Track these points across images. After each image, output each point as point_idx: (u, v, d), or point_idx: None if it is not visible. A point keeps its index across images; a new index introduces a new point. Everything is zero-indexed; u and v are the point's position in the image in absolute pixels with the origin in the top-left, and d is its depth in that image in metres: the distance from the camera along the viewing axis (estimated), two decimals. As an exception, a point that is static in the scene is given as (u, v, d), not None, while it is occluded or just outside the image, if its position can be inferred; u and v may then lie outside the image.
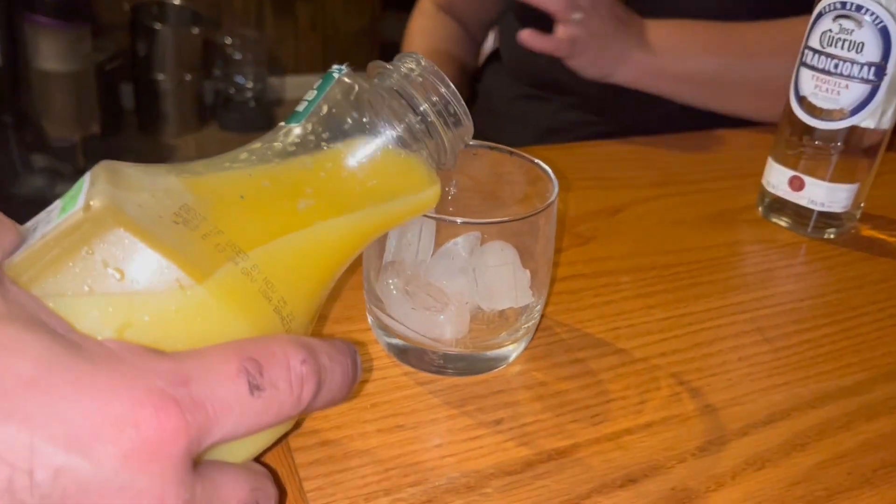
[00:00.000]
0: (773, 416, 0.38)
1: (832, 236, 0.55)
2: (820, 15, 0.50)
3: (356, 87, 0.31)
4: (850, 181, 0.53)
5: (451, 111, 0.32)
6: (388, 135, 0.31)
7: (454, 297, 0.37)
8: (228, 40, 2.74)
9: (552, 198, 0.37)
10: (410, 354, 0.39)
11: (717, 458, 0.36)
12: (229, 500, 0.23)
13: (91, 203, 0.24)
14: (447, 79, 0.32)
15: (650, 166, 0.64)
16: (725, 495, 0.34)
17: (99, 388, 0.20)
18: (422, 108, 0.31)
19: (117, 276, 0.23)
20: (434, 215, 0.37)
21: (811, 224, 0.55)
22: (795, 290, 0.49)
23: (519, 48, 0.90)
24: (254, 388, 0.23)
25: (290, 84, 3.03)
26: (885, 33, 0.48)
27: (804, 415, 0.39)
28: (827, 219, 0.54)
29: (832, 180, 0.53)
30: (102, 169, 0.26)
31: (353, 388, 0.27)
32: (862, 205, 0.56)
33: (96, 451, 0.20)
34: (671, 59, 0.71)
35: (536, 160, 0.40)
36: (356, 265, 0.45)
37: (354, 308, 0.43)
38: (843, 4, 0.49)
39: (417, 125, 0.31)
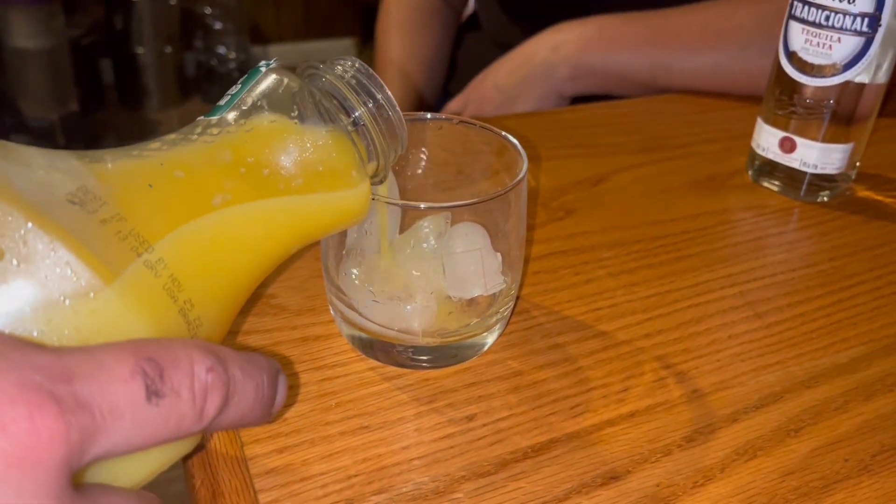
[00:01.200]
0: (765, 400, 0.36)
1: (826, 199, 0.52)
2: (809, -37, 0.47)
3: (285, 81, 0.28)
4: (845, 141, 0.50)
5: (385, 117, 0.30)
6: (315, 130, 0.28)
7: (420, 286, 0.34)
8: (208, 10, 2.67)
9: (520, 175, 0.34)
10: (376, 348, 0.37)
11: (705, 450, 0.33)
12: None
13: None
14: (383, 84, 0.30)
15: (634, 131, 0.61)
16: (714, 490, 0.31)
17: None
18: (356, 113, 0.29)
19: None
20: (395, 200, 0.35)
21: (804, 187, 0.52)
22: (788, 259, 0.46)
23: (496, 15, 0.87)
24: (152, 393, 0.19)
25: (274, 53, 2.97)
26: (879, -19, 0.44)
27: (798, 396, 0.36)
28: (820, 181, 0.51)
29: (825, 140, 0.50)
30: None
31: (270, 410, 0.24)
32: (857, 165, 0.53)
33: None
34: (602, 55, 0.68)
35: (504, 133, 0.37)
36: (317, 251, 0.42)
37: (317, 298, 0.40)
38: (834, -49, 0.45)
39: (349, 126, 0.29)
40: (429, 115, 0.39)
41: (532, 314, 0.41)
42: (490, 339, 0.38)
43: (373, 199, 0.32)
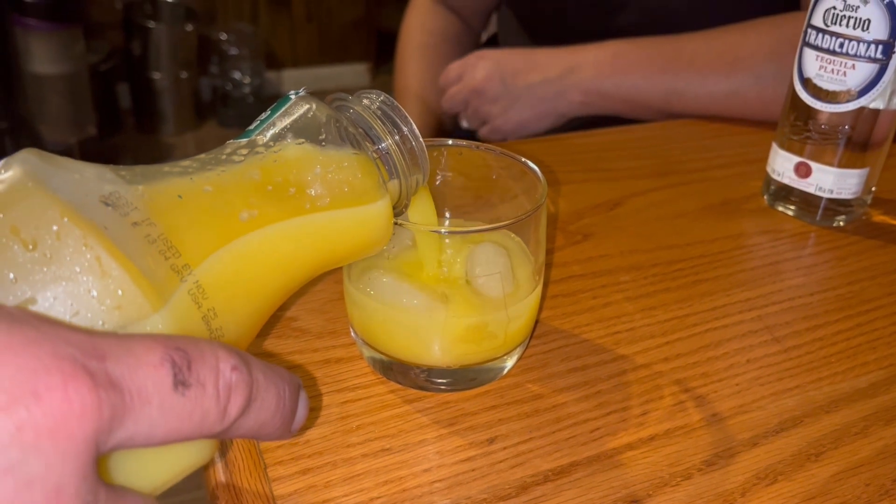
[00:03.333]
0: (785, 424, 0.36)
1: (842, 224, 0.52)
2: (823, -9, 0.48)
3: (314, 108, 0.29)
4: (860, 166, 0.50)
5: (409, 147, 0.31)
6: (341, 155, 0.29)
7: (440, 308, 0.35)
8: (223, 36, 2.71)
9: (541, 200, 0.35)
10: (396, 370, 0.37)
11: (725, 473, 0.33)
12: None
13: (8, 165, 0.22)
14: (408, 116, 0.32)
15: (649, 155, 0.62)
16: (735, 515, 0.32)
17: None
18: (382, 144, 0.31)
19: (29, 246, 0.21)
20: (414, 224, 0.35)
21: (819, 212, 0.52)
22: (805, 283, 0.47)
23: (516, 36, 0.88)
24: (179, 382, 0.19)
25: (288, 78, 3.00)
26: (892, 9, 0.45)
27: (818, 421, 0.36)
28: (836, 206, 0.52)
29: (840, 166, 0.50)
30: (28, 150, 0.24)
31: (290, 423, 0.24)
32: (873, 189, 0.53)
33: None
34: (616, 80, 0.69)
35: (523, 159, 0.38)
36: (338, 274, 0.43)
37: (338, 321, 0.41)
38: (848, -21, 0.46)
39: (373, 153, 0.30)
40: (450, 142, 0.39)
41: (551, 337, 0.41)
42: (509, 362, 0.38)
43: (395, 224, 0.32)
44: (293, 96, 0.30)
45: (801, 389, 0.38)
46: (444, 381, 0.37)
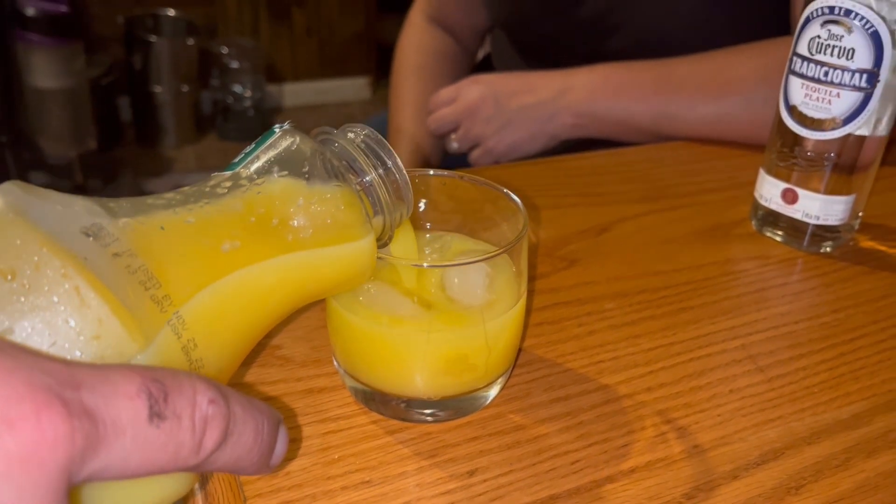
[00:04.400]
0: (766, 456, 0.36)
1: (829, 250, 0.52)
2: (808, 20, 0.48)
3: (297, 141, 0.29)
4: (846, 193, 0.50)
5: (393, 180, 0.31)
6: (325, 188, 0.29)
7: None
8: (224, 49, 2.73)
9: (520, 233, 0.35)
10: (377, 400, 0.37)
11: (704, 507, 0.33)
12: None
13: None
14: (392, 150, 0.32)
15: (638, 179, 0.62)
16: (713, 550, 0.32)
17: None
18: (367, 177, 0.31)
19: (8, 276, 0.21)
20: (396, 258, 0.35)
21: (807, 238, 0.52)
22: (790, 311, 0.47)
23: (509, 57, 0.89)
24: (154, 414, 0.19)
25: (289, 91, 3.02)
26: (876, 38, 0.45)
27: (799, 453, 0.37)
28: (823, 232, 0.52)
29: (827, 192, 0.50)
30: (12, 182, 0.24)
31: (268, 458, 0.24)
32: (860, 215, 0.53)
33: None
34: (607, 103, 0.69)
35: (505, 190, 0.38)
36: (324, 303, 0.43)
37: (323, 350, 0.41)
38: (832, 9, 0.46)
39: (357, 186, 0.30)
40: (431, 172, 0.40)
41: (535, 366, 0.41)
42: (492, 392, 0.38)
43: (378, 258, 0.33)
44: (277, 129, 0.30)
45: (783, 420, 0.38)
46: (426, 411, 0.37)
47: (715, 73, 0.67)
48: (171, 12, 2.66)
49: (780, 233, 0.54)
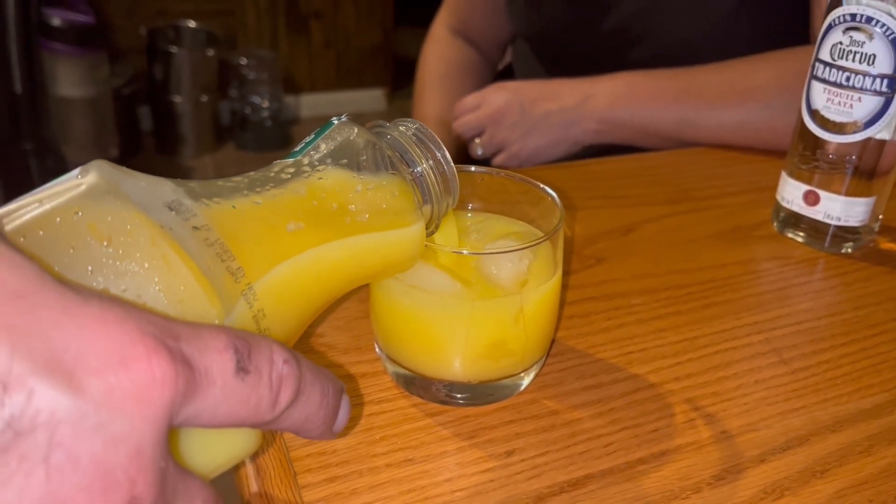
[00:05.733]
0: (791, 442, 0.38)
1: (850, 251, 0.54)
2: (830, 27, 0.50)
3: (355, 132, 0.31)
4: (867, 195, 0.52)
5: (441, 171, 0.33)
6: (380, 176, 0.31)
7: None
8: (243, 61, 2.77)
9: (559, 224, 0.37)
10: (418, 385, 0.39)
11: (733, 488, 0.35)
12: (195, 497, 0.21)
13: (85, 171, 0.24)
14: (441, 144, 0.34)
15: (662, 182, 0.63)
16: (743, 527, 0.33)
17: (89, 317, 0.19)
18: (417, 168, 0.33)
19: (104, 242, 0.23)
20: (441, 245, 0.37)
21: (828, 239, 0.54)
22: (812, 307, 0.48)
23: (530, 66, 0.91)
24: (240, 368, 0.21)
25: (306, 102, 3.05)
26: (896, 45, 0.47)
27: (823, 440, 0.38)
28: (844, 233, 0.53)
29: (848, 194, 0.52)
30: (100, 161, 0.26)
31: (333, 423, 0.26)
32: (880, 217, 0.55)
33: (77, 380, 0.18)
34: (630, 110, 0.71)
35: (542, 185, 0.40)
36: (364, 293, 0.45)
37: (363, 338, 0.43)
38: (853, 17, 0.48)
39: (409, 176, 0.32)
40: (473, 168, 0.41)
41: (567, 356, 0.43)
42: (526, 379, 0.40)
43: (426, 245, 0.35)
44: (336, 121, 0.32)
45: (807, 409, 0.40)
46: (464, 395, 0.38)
47: (736, 80, 0.68)
48: (192, 24, 2.71)
49: (801, 234, 0.55)
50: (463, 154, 0.86)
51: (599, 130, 0.73)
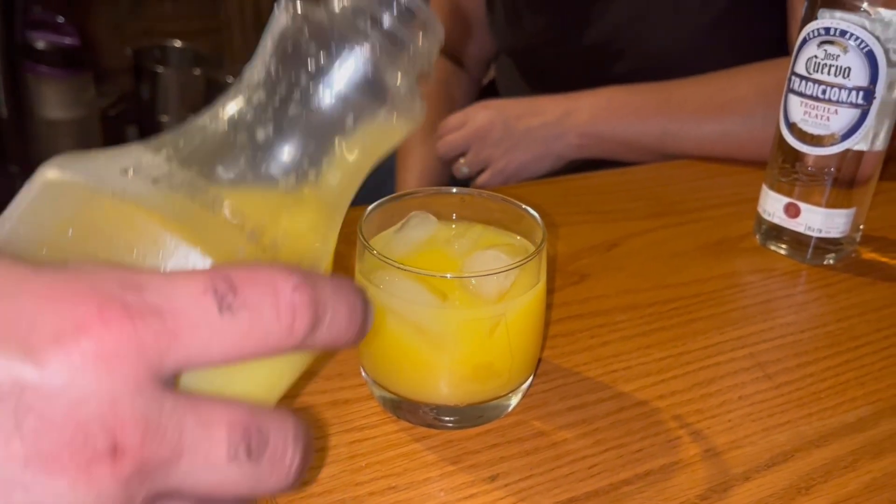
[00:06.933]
0: (776, 459, 0.38)
1: (832, 262, 0.54)
2: (805, 41, 0.50)
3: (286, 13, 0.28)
4: (847, 206, 0.52)
5: (411, 9, 0.28)
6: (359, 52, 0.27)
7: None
8: (230, 79, 2.77)
9: (540, 244, 0.37)
10: (404, 408, 0.39)
11: (719, 507, 0.35)
12: (215, 422, 0.20)
13: (40, 171, 0.25)
14: None
15: (645, 196, 0.64)
16: (729, 547, 0.33)
17: (42, 285, 0.19)
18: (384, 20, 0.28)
19: (69, 232, 0.23)
20: (423, 272, 0.37)
21: (810, 251, 0.54)
22: (796, 320, 0.48)
23: (513, 82, 0.91)
24: (225, 307, 0.20)
25: (294, 118, 3.05)
26: (871, 57, 0.47)
27: (808, 455, 0.38)
28: (826, 244, 0.53)
29: (828, 206, 0.52)
30: (54, 157, 0.26)
31: (364, 331, 0.24)
32: (861, 228, 0.55)
33: (35, 349, 0.18)
34: (612, 124, 0.71)
35: (524, 206, 0.40)
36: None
37: (347, 364, 0.43)
38: (828, 30, 0.48)
39: (381, 39, 0.28)
40: (454, 189, 0.42)
41: (551, 376, 0.43)
42: (514, 400, 0.40)
43: (403, 269, 0.34)
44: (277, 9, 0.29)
45: (791, 425, 0.40)
46: (452, 418, 0.38)
47: (716, 93, 0.69)
48: (178, 43, 2.71)
49: (783, 246, 0.55)
50: (449, 173, 0.86)
51: (582, 145, 0.73)
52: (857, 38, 0.47)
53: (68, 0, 2.48)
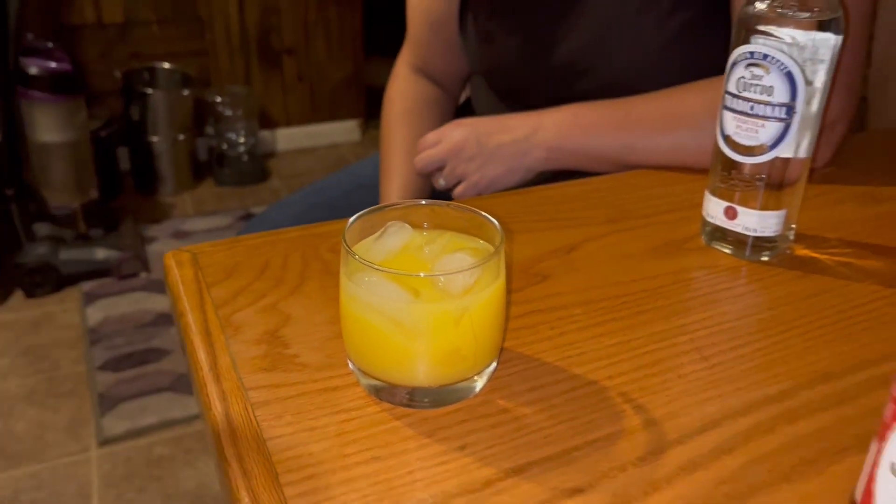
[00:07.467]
0: (706, 426, 0.44)
1: (768, 258, 0.61)
2: (734, 63, 0.57)
3: None
4: (778, 208, 0.59)
5: None
6: None
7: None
8: (218, 98, 2.83)
9: (499, 244, 0.43)
10: (385, 392, 0.44)
11: (654, 467, 0.41)
12: None
13: None
14: None
15: (603, 205, 0.70)
16: (661, 497, 0.39)
17: None
18: None
19: None
20: (399, 272, 0.43)
21: (748, 249, 0.60)
22: (732, 310, 0.55)
23: (487, 100, 0.97)
24: None
25: (281, 136, 3.11)
26: (790, 77, 0.54)
27: (734, 423, 0.44)
28: (762, 242, 0.60)
29: (762, 208, 0.58)
30: None
31: None
32: (793, 227, 0.61)
33: None
34: (576, 139, 0.78)
35: (485, 214, 0.46)
36: (335, 316, 0.51)
37: (335, 356, 0.49)
38: (752, 54, 0.55)
39: None
40: (423, 202, 0.48)
41: (515, 363, 0.49)
42: (480, 383, 0.46)
43: (381, 270, 0.41)
44: None
45: (721, 398, 0.46)
46: (426, 399, 0.44)
47: (669, 108, 0.75)
48: (166, 65, 2.77)
49: (726, 245, 0.62)
50: (428, 185, 0.93)
51: (549, 158, 0.80)
52: (778, 60, 0.54)
53: (59, 26, 2.54)
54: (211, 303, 0.54)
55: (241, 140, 2.85)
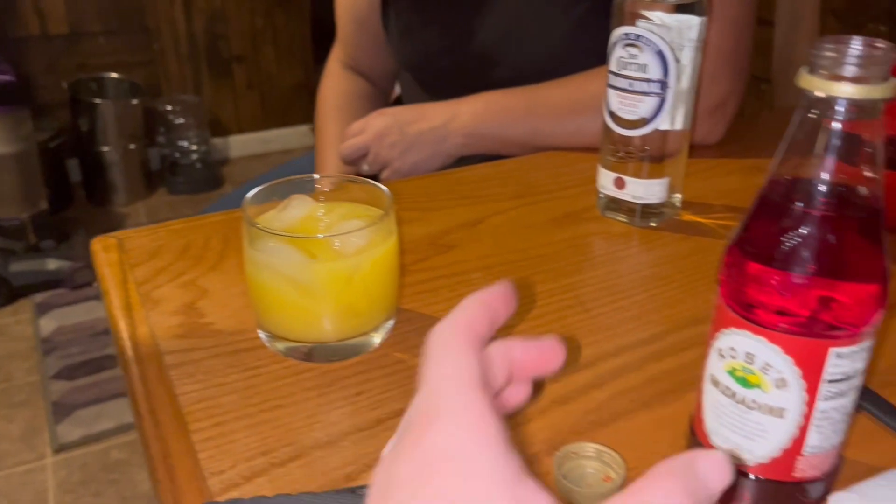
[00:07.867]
0: (580, 367, 0.49)
1: (656, 224, 0.66)
2: (615, 44, 0.62)
3: None
4: (661, 176, 0.64)
5: None
6: None
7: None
8: (169, 107, 2.83)
9: (386, 210, 0.48)
10: (289, 350, 0.49)
11: (531, 402, 0.45)
12: None
13: None
14: None
15: (512, 183, 0.75)
16: (534, 426, 0.44)
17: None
18: None
19: None
20: (295, 235, 0.47)
21: (637, 216, 0.65)
22: (617, 269, 0.60)
23: (415, 92, 1.02)
24: None
25: (234, 143, 3.13)
26: (661, 56, 0.59)
27: (605, 363, 0.49)
28: (649, 209, 0.65)
29: (647, 177, 0.64)
30: None
31: None
32: (679, 195, 0.67)
33: None
34: (489, 125, 0.83)
35: (376, 183, 0.51)
36: (246, 288, 0.55)
37: (246, 322, 0.52)
38: (628, 35, 0.60)
39: None
40: (317, 175, 0.52)
41: (413, 321, 0.53)
42: (377, 338, 0.50)
43: (277, 234, 0.45)
44: None
45: (597, 344, 0.51)
46: (326, 354, 0.48)
47: (572, 93, 0.81)
48: (114, 75, 2.77)
49: (620, 214, 0.67)
50: (353, 172, 0.97)
51: (466, 143, 0.85)
52: (649, 40, 0.59)
53: (2, 38, 2.53)
54: (133, 281, 0.58)
55: (194, 148, 2.86)
